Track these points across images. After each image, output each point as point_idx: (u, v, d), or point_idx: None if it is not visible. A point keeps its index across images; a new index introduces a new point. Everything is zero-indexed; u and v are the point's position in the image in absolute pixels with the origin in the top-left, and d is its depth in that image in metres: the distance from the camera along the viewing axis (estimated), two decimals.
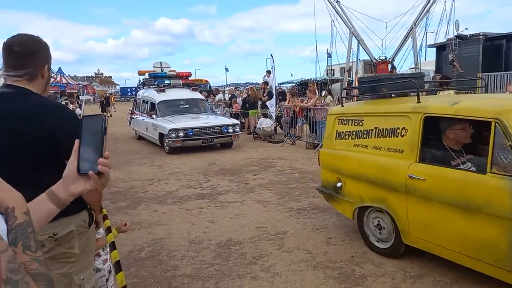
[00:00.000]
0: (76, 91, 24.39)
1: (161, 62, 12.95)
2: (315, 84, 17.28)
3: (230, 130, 9.60)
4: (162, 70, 12.50)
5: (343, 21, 19.99)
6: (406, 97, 3.81)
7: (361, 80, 4.55)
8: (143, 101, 11.85)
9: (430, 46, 19.42)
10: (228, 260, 3.57)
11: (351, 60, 20.79)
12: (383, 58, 19.08)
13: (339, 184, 3.86)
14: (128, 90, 62.20)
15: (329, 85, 23.60)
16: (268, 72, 15.70)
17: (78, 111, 15.20)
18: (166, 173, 7.38)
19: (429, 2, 18.09)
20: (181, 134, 9.02)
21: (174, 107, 10.66)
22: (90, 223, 1.84)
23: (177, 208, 5.23)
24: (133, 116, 12.30)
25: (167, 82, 11.56)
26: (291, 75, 44.66)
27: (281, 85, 23.46)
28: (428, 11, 18.42)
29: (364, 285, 3.06)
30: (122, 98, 60.66)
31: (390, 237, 3.45)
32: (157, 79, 11.75)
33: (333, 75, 23.14)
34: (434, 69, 19.17)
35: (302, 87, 21.29)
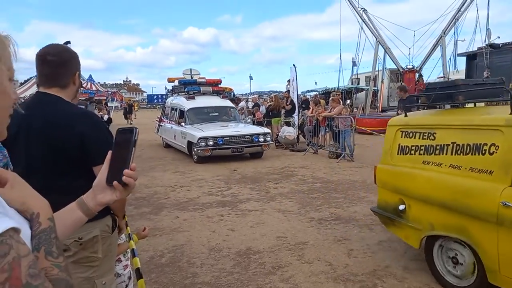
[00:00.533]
0: (105, 98, 25.17)
1: (191, 69, 12.71)
2: (339, 93, 17.13)
3: (261, 139, 9.20)
4: (192, 77, 12.36)
5: (369, 30, 19.83)
6: (491, 106, 3.37)
7: (429, 86, 3.99)
8: (172, 109, 11.63)
9: (460, 55, 18.89)
10: (247, 269, 3.56)
11: (377, 69, 20.48)
12: (410, 67, 18.74)
13: (401, 207, 3.34)
14: (155, 97, 63.73)
15: (354, 94, 23.33)
16: (289, 81, 15.73)
17: (106, 117, 15.72)
18: (189, 180, 7.46)
19: (459, 10, 17.66)
20: (211, 142, 8.75)
21: (203, 115, 10.42)
22: (113, 228, 1.88)
23: (198, 215, 5.27)
24: (161, 124, 12.11)
25: (196, 89, 11.41)
26: (315, 83, 44.39)
27: (305, 94, 23.38)
28: (458, 19, 17.97)
29: None
30: (149, 105, 62.25)
31: (469, 274, 2.92)
32: (187, 86, 11.56)
33: (358, 84, 22.88)
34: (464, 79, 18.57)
35: (326, 96, 21.12)
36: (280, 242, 4.19)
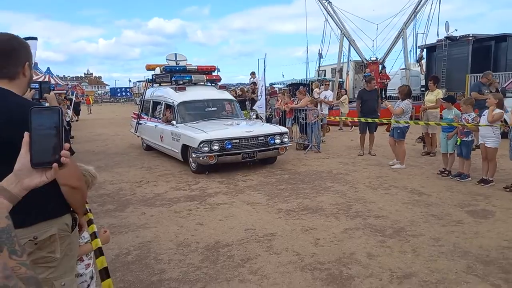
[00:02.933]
0: (65, 91, 24.09)
1: (175, 54, 10.26)
2: (312, 83, 17.28)
3: (277, 140, 7.33)
4: (177, 63, 9.89)
5: (334, 22, 20.11)
6: None
7: None
8: (155, 103, 9.38)
9: (420, 47, 19.56)
10: (216, 263, 3.54)
11: (342, 61, 20.88)
12: (374, 58, 19.22)
13: None
14: (118, 90, 61.86)
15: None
16: (253, 73, 15.73)
17: (68, 112, 15.08)
18: (155, 175, 7.32)
19: (419, 4, 18.25)
20: (216, 147, 6.75)
21: (198, 110, 8.45)
22: (73, 227, 1.80)
23: (165, 210, 5.18)
24: (140, 122, 9.82)
25: (187, 78, 9.11)
26: (283, 75, 44.66)
27: (273, 85, 23.45)
28: (417, 13, 18.57)
29: (351, 286, 3.05)
30: (112, 99, 60.40)
31: None
32: (175, 74, 9.18)
33: (324, 75, 23.22)
34: (425, 70, 19.34)
35: (293, 87, 21.28)
36: (249, 235, 4.20)
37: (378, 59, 19.15)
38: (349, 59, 20.95)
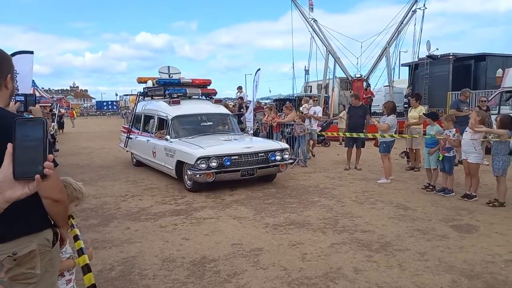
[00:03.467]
0: (50, 104, 23.73)
1: (168, 67, 10.02)
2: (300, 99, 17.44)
3: (278, 157, 7.06)
4: (170, 76, 9.73)
5: (320, 40, 20.50)
6: None
7: None
8: (147, 116, 9.05)
9: (403, 65, 20.10)
10: (202, 279, 3.48)
11: (327, 77, 21.23)
12: (359, 75, 19.60)
13: None
14: (104, 104, 61.35)
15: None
16: (240, 87, 15.87)
17: (53, 125, 14.82)
18: (141, 189, 7.21)
19: (402, 23, 18.79)
20: (214, 163, 6.43)
21: (193, 125, 8.10)
22: (54, 242, 1.75)
23: (150, 225, 5.09)
24: (130, 136, 9.45)
25: (181, 91, 8.72)
26: (270, 91, 45.11)
27: (259, 100, 23.62)
28: (400, 32, 19.11)
29: None
30: (98, 112, 59.74)
31: None
32: (169, 87, 8.83)
33: (311, 91, 23.52)
34: (407, 87, 19.78)
35: (280, 103, 21.46)
36: (236, 249, 4.15)
37: (363, 76, 19.55)
38: (335, 76, 21.32)
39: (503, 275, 3.38)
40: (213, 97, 9.32)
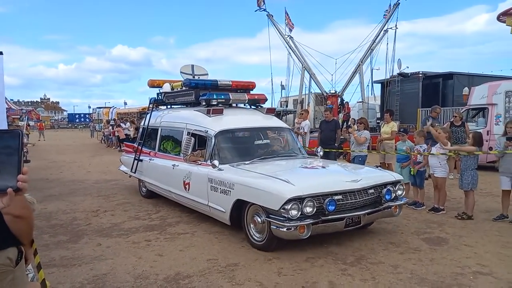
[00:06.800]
0: (19, 116, 22.93)
1: (192, 66, 7.83)
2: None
3: (393, 194, 4.83)
4: (194, 78, 7.42)
5: (296, 56, 20.95)
6: None
7: None
8: (168, 131, 6.83)
9: (375, 82, 20.74)
10: None
11: (303, 93, 21.62)
12: (333, 91, 20.08)
13: None
14: (77, 116, 59.90)
15: (282, 115, 24.25)
16: None
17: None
18: (113, 204, 7.02)
19: (374, 41, 19.49)
20: (310, 208, 4.10)
21: (246, 144, 6.02)
22: (17, 261, 1.67)
23: (123, 241, 4.95)
24: (140, 158, 7.15)
25: (220, 97, 6.22)
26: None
27: None
28: (373, 50, 19.78)
29: None
30: (70, 125, 58.17)
31: None
32: (204, 91, 6.36)
33: (287, 106, 23.84)
34: (380, 103, 20.41)
35: None
36: (211, 265, 4.09)
37: (337, 92, 20.03)
38: (310, 91, 21.74)
39: (472, 286, 3.48)
40: (262, 105, 6.89)
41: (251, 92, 6.87)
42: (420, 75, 17.14)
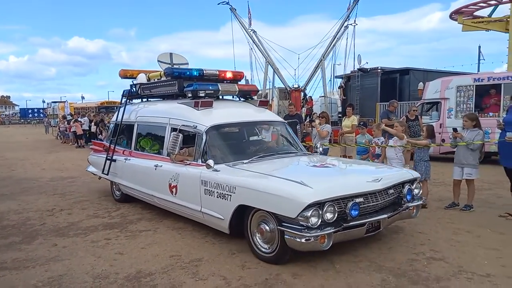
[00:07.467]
0: None
1: (171, 54, 7.11)
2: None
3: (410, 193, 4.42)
4: (172, 66, 6.69)
5: (259, 51, 20.99)
6: None
7: None
8: (148, 127, 6.13)
9: (337, 77, 21.22)
10: None
11: (267, 87, 21.73)
12: (296, 86, 20.34)
13: None
14: (29, 111, 56.67)
15: None
16: None
17: None
18: (70, 202, 6.73)
19: (335, 38, 19.89)
20: (330, 215, 3.58)
21: (241, 141, 5.48)
22: None
23: (80, 240, 4.76)
24: (113, 158, 6.35)
25: (210, 87, 5.52)
26: None
27: None
28: (334, 45, 20.19)
29: None
30: (22, 120, 55.01)
31: None
32: (188, 81, 5.65)
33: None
34: (344, 96, 20.88)
35: None
36: (174, 261, 4.02)
37: (300, 87, 20.31)
38: (274, 86, 21.89)
39: (426, 271, 3.67)
40: (254, 97, 6.31)
41: (239, 83, 6.26)
42: (379, 70, 17.74)
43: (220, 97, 5.92)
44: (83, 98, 48.86)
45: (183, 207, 4.88)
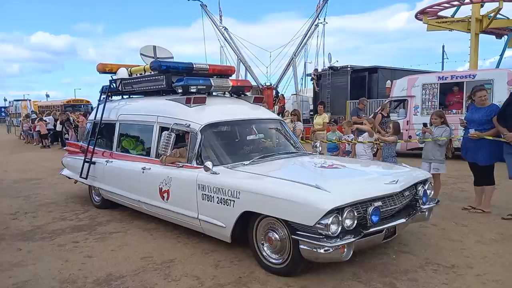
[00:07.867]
0: None
1: (154, 47, 6.59)
2: None
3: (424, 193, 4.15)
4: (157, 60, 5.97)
5: (231, 48, 20.91)
6: None
7: None
8: (132, 127, 5.67)
9: (308, 75, 21.48)
10: None
11: None
12: (269, 84, 20.43)
13: None
14: None
15: None
16: None
17: None
18: (35, 205, 6.46)
19: (305, 36, 20.11)
20: (349, 221, 3.25)
21: (238, 141, 5.02)
22: None
23: (47, 244, 4.58)
24: (92, 160, 5.86)
25: (202, 82, 5.12)
26: None
27: None
28: (305, 44, 20.41)
29: None
30: None
31: None
32: (178, 76, 5.16)
33: None
34: (312, 96, 21.20)
35: None
36: (145, 263, 3.95)
37: (272, 85, 20.42)
38: None
39: (394, 264, 3.78)
40: (247, 93, 5.88)
41: (231, 78, 5.81)
42: (349, 69, 18.12)
43: (225, 94, 5.67)
44: (48, 96, 46.89)
45: (176, 214, 4.45)
